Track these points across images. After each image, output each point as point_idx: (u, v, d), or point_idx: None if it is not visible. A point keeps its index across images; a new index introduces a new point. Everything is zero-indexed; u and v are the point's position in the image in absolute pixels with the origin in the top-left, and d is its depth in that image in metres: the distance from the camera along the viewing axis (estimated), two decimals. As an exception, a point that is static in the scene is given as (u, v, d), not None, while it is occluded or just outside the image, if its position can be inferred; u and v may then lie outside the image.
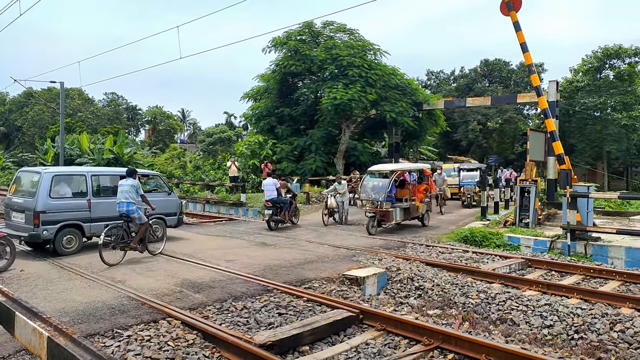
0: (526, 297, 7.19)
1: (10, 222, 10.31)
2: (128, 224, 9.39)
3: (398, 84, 24.92)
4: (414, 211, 14.48)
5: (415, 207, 14.53)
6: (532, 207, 14.37)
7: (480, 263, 9.90)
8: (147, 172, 13.34)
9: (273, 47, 25.62)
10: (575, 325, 6.17)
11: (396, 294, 7.93)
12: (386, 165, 16.70)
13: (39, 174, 10.00)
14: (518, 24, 14.71)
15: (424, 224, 15.08)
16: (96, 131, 47.82)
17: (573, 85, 35.86)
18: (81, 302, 6.47)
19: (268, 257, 9.85)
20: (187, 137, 78.90)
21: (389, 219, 13.56)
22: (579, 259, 10.91)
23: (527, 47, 14.86)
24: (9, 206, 10.57)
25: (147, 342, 5.16)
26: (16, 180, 10.93)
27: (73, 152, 32.99)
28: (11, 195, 10.63)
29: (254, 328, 5.85)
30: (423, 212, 14.90)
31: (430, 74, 50.96)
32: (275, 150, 25.66)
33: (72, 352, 2.98)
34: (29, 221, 9.71)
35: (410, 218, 14.56)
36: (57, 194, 10.00)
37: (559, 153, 14.36)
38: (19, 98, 55.95)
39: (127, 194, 9.31)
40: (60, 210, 9.92)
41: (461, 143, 45.06)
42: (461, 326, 6.35)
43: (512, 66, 46.78)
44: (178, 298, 6.77)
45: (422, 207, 14.76)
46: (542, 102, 15.51)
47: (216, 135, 49.88)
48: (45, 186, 9.77)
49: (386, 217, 13.51)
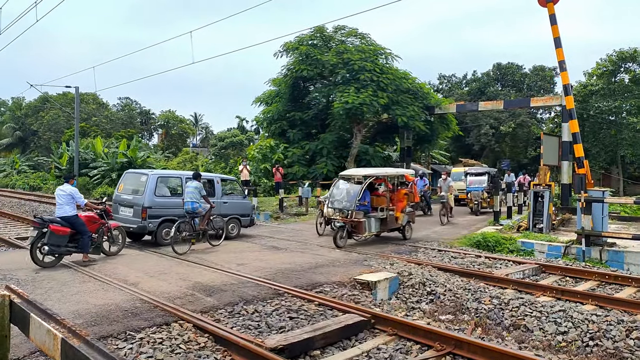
0: (540, 303, 7.09)
1: (118, 215, 11.63)
2: (193, 219, 10.96)
3: (410, 87, 24.87)
4: (391, 222, 12.80)
5: (394, 217, 12.84)
6: (546, 212, 14.21)
7: (493, 268, 9.81)
8: (225, 177, 14.59)
9: (285, 51, 25.74)
10: (591, 332, 6.07)
11: (408, 299, 7.88)
12: (359, 169, 14.97)
13: (146, 175, 11.67)
14: (554, 16, 14.38)
15: (405, 236, 13.26)
16: (110, 135, 48.38)
17: (587, 89, 35.45)
18: (94, 305, 6.53)
19: (279, 261, 9.86)
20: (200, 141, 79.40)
21: (360, 230, 11.87)
22: (594, 264, 10.75)
23: (560, 43, 14.55)
24: (117, 202, 11.96)
25: (159, 344, 5.19)
26: (123, 180, 12.36)
27: (87, 156, 33.42)
28: (119, 192, 12.09)
29: (265, 332, 5.85)
30: (404, 224, 13.16)
31: (442, 78, 50.75)
32: (286, 154, 25.72)
33: (86, 354, 3.00)
34: (137, 215, 11.28)
35: (387, 230, 12.91)
36: (159, 193, 11.58)
37: (579, 156, 14.14)
38: (35, 103, 56.81)
39: (192, 194, 10.80)
40: (162, 207, 11.52)
41: (473, 147, 44.74)
42: (474, 332, 6.30)
43: (525, 70, 46.40)
44: (190, 301, 6.81)
45: (403, 218, 13.09)
46: (569, 102, 15.24)
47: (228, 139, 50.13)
48: (151, 186, 11.34)
49: (358, 228, 11.83)
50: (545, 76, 44.98)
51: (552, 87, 44.71)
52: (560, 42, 14.43)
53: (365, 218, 11.97)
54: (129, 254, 10.46)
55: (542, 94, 42.22)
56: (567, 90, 15.18)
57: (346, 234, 11.80)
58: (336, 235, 11.75)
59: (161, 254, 10.49)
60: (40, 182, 37.76)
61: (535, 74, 45.37)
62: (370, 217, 12.26)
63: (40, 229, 8.83)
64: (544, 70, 45.27)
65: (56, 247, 8.88)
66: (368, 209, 12.28)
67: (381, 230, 12.69)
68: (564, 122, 20.46)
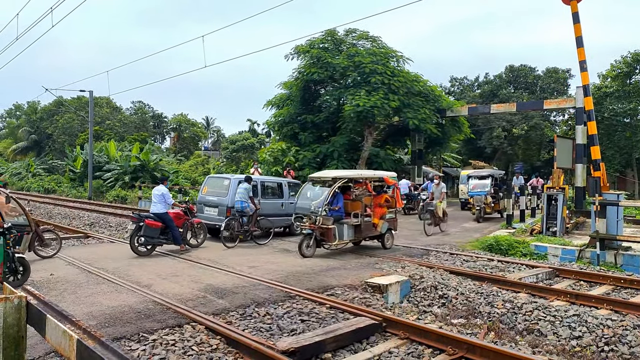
0: (554, 307, 7.02)
1: (203, 214, 13.03)
2: (242, 218, 12.15)
3: (421, 90, 24.80)
4: (368, 229, 11.58)
5: (370, 224, 11.65)
6: (560, 215, 14.07)
7: (506, 272, 9.73)
8: (293, 181, 15.89)
9: (296, 54, 25.82)
10: (606, 337, 6.00)
11: (419, 302, 7.85)
12: (330, 171, 13.87)
13: (229, 179, 13.33)
14: (577, 15, 14.18)
15: (385, 245, 11.98)
16: (123, 139, 48.87)
17: (601, 91, 35.02)
18: (108, 306, 6.60)
19: (290, 264, 9.88)
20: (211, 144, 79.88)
21: (329, 238, 10.70)
22: (608, 268, 10.62)
23: (582, 42, 14.35)
24: (202, 203, 13.43)
25: (172, 346, 5.23)
26: (206, 184, 14.03)
27: (101, 159, 33.82)
28: (204, 194, 13.54)
29: (276, 334, 5.86)
30: (383, 231, 11.84)
31: (453, 81, 50.47)
32: (297, 157, 25.76)
33: (101, 355, 3.04)
34: (221, 214, 12.76)
35: (363, 238, 11.78)
36: None
37: (596, 158, 13.96)
38: (50, 106, 57.64)
39: (241, 195, 12.13)
40: None
41: (486, 150, 44.40)
42: (486, 336, 6.25)
43: (537, 72, 45.98)
44: (202, 303, 6.85)
45: (382, 225, 11.80)
46: (588, 103, 15.05)
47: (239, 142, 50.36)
48: (233, 188, 12.79)
49: (327, 235, 10.69)
50: (559, 78, 44.52)
51: (565, 89, 44.24)
52: (582, 42, 14.24)
53: (335, 225, 10.82)
54: (141, 257, 10.55)
55: (555, 96, 41.78)
56: (587, 91, 14.94)
57: (314, 242, 10.75)
58: (302, 243, 10.67)
59: (173, 256, 10.58)
60: (54, 184, 38.27)
61: (548, 76, 44.92)
62: (342, 223, 11.08)
63: (137, 223, 10.53)
64: (557, 72, 44.82)
65: (150, 238, 10.55)
66: (341, 215, 11.10)
67: (356, 238, 11.59)
68: (578, 125, 20.28)
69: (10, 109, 71.60)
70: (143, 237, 10.49)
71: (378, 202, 12.13)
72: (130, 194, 28.94)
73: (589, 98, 14.99)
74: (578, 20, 14.14)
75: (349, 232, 11.27)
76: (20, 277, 7.80)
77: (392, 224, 12.37)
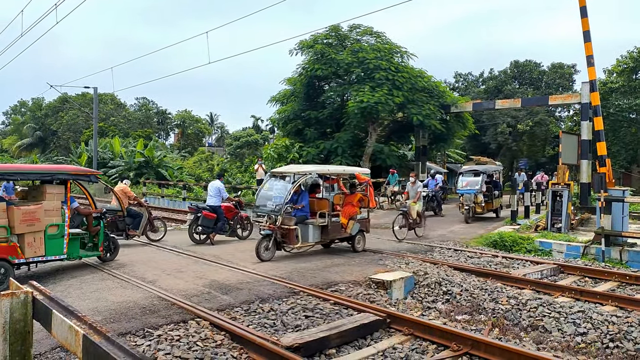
0: (558, 303, 7.01)
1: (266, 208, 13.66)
2: None
3: (425, 86, 24.68)
4: (336, 231, 10.67)
5: (338, 225, 10.71)
6: (565, 211, 14.01)
7: (510, 268, 9.71)
8: None
9: (300, 49, 25.75)
10: (611, 334, 5.98)
11: (423, 299, 7.85)
12: (294, 166, 12.74)
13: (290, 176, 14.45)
14: (585, 9, 14.07)
15: (355, 248, 11.05)
16: (128, 135, 49.01)
17: (607, 87, 34.77)
18: (113, 302, 6.63)
19: (294, 260, 9.89)
20: (215, 140, 80.00)
21: (291, 240, 9.85)
22: (613, 265, 10.59)
23: (589, 37, 14.24)
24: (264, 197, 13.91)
25: (177, 341, 5.26)
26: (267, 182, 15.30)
27: (106, 156, 33.93)
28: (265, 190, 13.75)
29: (280, 330, 5.88)
30: (353, 233, 10.92)
31: (458, 76, 50.24)
32: (301, 154, 25.75)
33: (107, 350, 3.05)
34: None
35: (331, 240, 10.92)
36: None
37: (602, 154, 13.88)
38: (55, 103, 57.80)
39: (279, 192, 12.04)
40: None
41: (490, 146, 44.22)
42: (491, 332, 6.25)
43: (543, 67, 45.69)
44: (206, 299, 6.87)
45: (352, 226, 10.85)
46: (594, 98, 14.98)
47: (243, 138, 50.40)
48: None
49: (288, 237, 9.85)
50: (564, 73, 44.23)
51: (570, 85, 43.96)
52: (590, 36, 14.13)
53: (299, 225, 9.97)
54: (147, 252, 10.60)
55: (560, 91, 41.52)
56: (593, 87, 14.84)
57: (273, 244, 9.78)
58: (259, 245, 9.64)
59: (178, 252, 10.61)
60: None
61: (553, 71, 44.62)
62: (307, 224, 10.17)
63: (196, 214, 11.84)
64: (562, 67, 44.52)
65: (206, 227, 11.67)
66: (306, 215, 10.25)
67: (322, 240, 10.63)
68: (583, 120, 20.12)
69: (15, 105, 71.89)
70: (200, 226, 11.68)
71: (350, 201, 11.24)
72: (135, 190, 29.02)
73: (596, 93, 14.89)
74: (586, 15, 14.02)
75: (314, 233, 10.32)
76: (111, 255, 9.57)
77: (364, 225, 11.39)
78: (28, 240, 7.76)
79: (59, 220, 8.13)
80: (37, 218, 7.83)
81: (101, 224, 9.16)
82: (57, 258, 8.22)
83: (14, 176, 8.33)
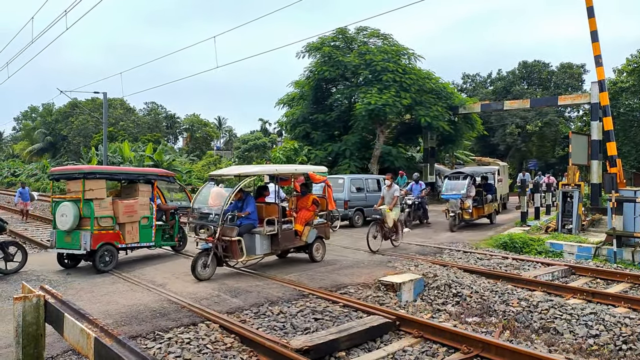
0: (570, 305, 6.94)
1: None
2: None
3: (433, 87, 24.63)
4: (288, 239, 9.33)
5: (291, 233, 9.41)
6: (576, 212, 13.89)
7: (520, 270, 9.64)
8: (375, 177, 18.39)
9: (307, 52, 25.81)
10: (624, 336, 5.91)
11: (433, 301, 7.81)
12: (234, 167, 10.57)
13: (343, 178, 16.40)
14: (592, 9, 14.04)
15: (314, 258, 9.88)
16: (137, 139, 49.31)
17: (617, 86, 34.44)
18: (124, 305, 6.68)
19: (303, 262, 9.89)
20: (223, 144, 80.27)
21: (235, 253, 8.43)
22: (625, 266, 10.47)
23: (597, 37, 14.22)
24: None
25: (187, 344, 5.28)
26: None
27: (115, 160, 34.17)
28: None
29: (290, 333, 5.88)
30: (310, 241, 9.73)
31: (466, 77, 50.00)
32: (309, 157, 25.78)
33: (118, 353, 3.08)
34: (339, 206, 14.83)
35: (284, 250, 9.65)
36: (352, 190, 16.26)
37: (612, 154, 13.78)
38: (65, 108, 58.32)
39: None
40: (355, 200, 16.25)
41: (499, 147, 43.94)
42: (502, 335, 6.20)
43: (551, 67, 45.36)
44: (216, 302, 6.90)
45: (308, 233, 9.66)
46: (603, 98, 14.92)
47: (251, 142, 50.52)
48: (347, 185, 16.04)
49: (231, 250, 8.43)
50: (573, 74, 43.89)
51: (580, 85, 43.61)
52: (597, 36, 14.07)
53: (243, 236, 8.64)
54: (156, 256, 10.66)
55: (569, 91, 41.20)
56: (602, 87, 14.75)
57: (212, 259, 8.33)
58: (196, 262, 8.22)
59: (187, 255, 10.65)
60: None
61: (562, 71, 44.29)
62: (253, 234, 8.91)
63: None
64: (571, 67, 44.18)
65: None
66: (253, 223, 8.93)
67: (273, 251, 9.29)
68: (593, 121, 19.96)
69: (26, 111, 72.69)
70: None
71: (304, 204, 9.94)
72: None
73: (605, 93, 14.78)
74: (593, 15, 13.95)
75: (262, 244, 8.99)
76: (182, 245, 10.99)
77: (323, 230, 10.14)
78: (127, 229, 9.35)
79: (148, 214, 9.73)
80: (135, 210, 9.45)
81: (176, 218, 10.65)
82: (147, 245, 9.86)
83: (119, 176, 10.07)
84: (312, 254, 9.95)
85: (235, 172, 9.43)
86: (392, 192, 12.03)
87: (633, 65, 34.80)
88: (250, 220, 8.92)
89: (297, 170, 10.85)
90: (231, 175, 9.50)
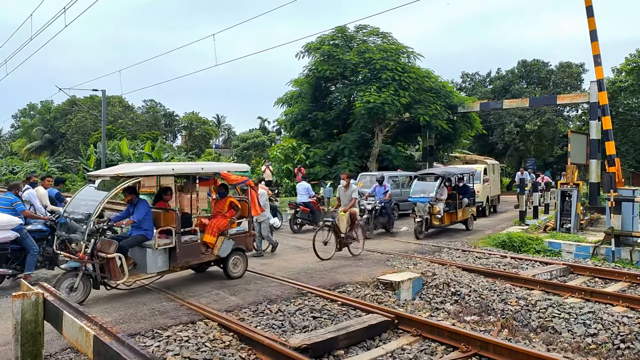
0: (568, 304, 6.96)
1: None
2: None
3: (432, 86, 24.63)
4: (191, 254, 7.59)
5: (196, 245, 7.68)
6: (574, 211, 13.92)
7: (519, 269, 9.65)
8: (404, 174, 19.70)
9: (306, 52, 25.79)
10: (622, 335, 5.93)
11: (432, 299, 7.82)
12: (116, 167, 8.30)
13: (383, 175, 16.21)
14: (591, 8, 14.04)
15: (230, 274, 8.13)
16: (136, 137, 49.24)
17: (616, 86, 34.46)
18: (122, 303, 6.67)
19: (302, 261, 9.90)
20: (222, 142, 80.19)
21: (114, 273, 6.69)
22: (624, 265, 10.49)
23: (596, 36, 14.22)
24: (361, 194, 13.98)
25: (186, 342, 5.28)
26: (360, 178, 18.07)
27: (114, 158, 34.12)
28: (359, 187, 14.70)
29: (288, 331, 5.89)
30: (224, 254, 8.00)
31: (465, 76, 49.96)
32: (308, 155, 25.76)
33: (117, 351, 3.07)
34: None
35: (183, 267, 7.67)
36: None
37: (611, 154, 13.81)
38: (63, 106, 58.19)
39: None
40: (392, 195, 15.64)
41: (497, 146, 43.96)
42: (500, 333, 6.21)
43: (551, 67, 45.36)
44: (214, 300, 6.90)
45: (222, 245, 7.94)
46: (602, 98, 14.92)
47: (250, 140, 50.53)
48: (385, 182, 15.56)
49: (110, 269, 6.68)
50: (572, 73, 43.89)
51: (579, 84, 43.62)
52: (596, 35, 14.06)
53: (129, 250, 7.07)
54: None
55: (568, 91, 41.20)
56: (601, 86, 14.73)
57: (85, 281, 6.61)
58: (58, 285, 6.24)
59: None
60: (68, 183, 38.67)
61: (561, 70, 44.28)
62: (144, 247, 7.22)
63: (295, 209, 14.47)
64: (570, 66, 44.18)
65: (303, 219, 14.42)
66: (146, 234, 7.24)
67: (171, 268, 7.48)
68: (592, 120, 19.99)
69: (25, 108, 72.48)
70: (299, 218, 14.35)
71: (220, 209, 8.38)
72: (142, 192, 29.12)
73: (604, 93, 14.79)
74: (592, 14, 13.95)
75: (156, 260, 7.26)
76: None
77: (243, 241, 8.42)
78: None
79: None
80: None
81: None
82: None
83: None
84: (228, 269, 8.12)
85: (114, 172, 7.31)
86: (350, 192, 10.66)
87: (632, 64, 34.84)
88: (140, 230, 7.22)
89: (204, 169, 8.49)
90: (108, 176, 7.23)
